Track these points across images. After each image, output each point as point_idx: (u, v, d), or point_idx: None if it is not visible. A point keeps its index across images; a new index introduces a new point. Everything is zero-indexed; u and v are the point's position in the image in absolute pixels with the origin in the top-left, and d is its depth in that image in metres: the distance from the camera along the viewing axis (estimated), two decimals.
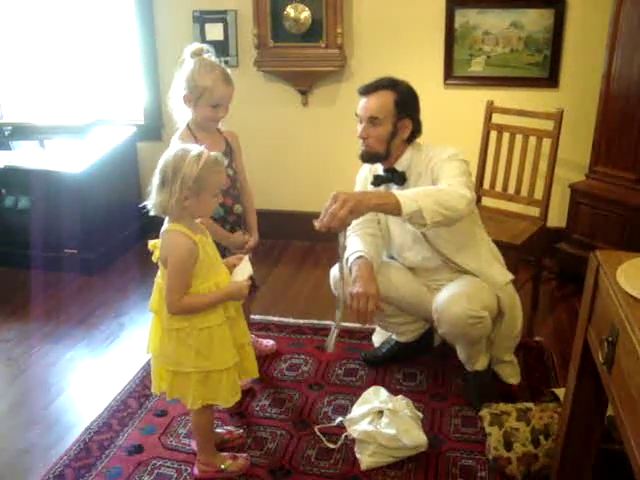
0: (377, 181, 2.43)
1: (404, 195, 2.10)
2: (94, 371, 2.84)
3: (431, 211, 2.09)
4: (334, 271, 2.57)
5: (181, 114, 2.37)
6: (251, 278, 2.07)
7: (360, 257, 2.37)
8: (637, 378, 1.33)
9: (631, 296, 1.49)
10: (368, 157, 2.39)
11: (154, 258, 1.99)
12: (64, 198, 3.62)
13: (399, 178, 2.39)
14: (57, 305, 3.39)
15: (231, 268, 2.07)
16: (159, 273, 2.02)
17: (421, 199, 2.09)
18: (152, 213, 1.93)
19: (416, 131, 2.39)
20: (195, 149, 1.89)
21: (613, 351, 1.49)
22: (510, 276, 2.48)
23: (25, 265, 3.74)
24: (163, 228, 1.95)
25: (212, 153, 1.91)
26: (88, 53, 4.23)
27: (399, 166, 2.40)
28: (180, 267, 1.90)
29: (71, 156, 3.78)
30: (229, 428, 2.36)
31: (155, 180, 1.89)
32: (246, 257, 2.12)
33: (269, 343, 2.86)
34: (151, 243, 2.00)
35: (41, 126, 4.14)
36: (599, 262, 1.68)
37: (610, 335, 1.50)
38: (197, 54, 2.29)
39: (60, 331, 3.15)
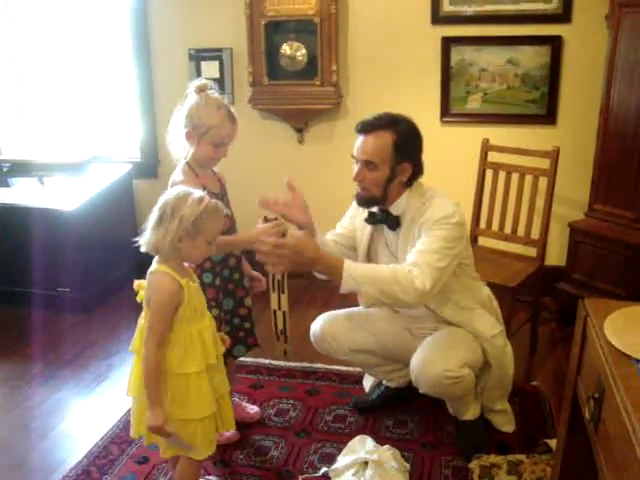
0: (371, 219, 2.35)
1: (351, 272, 2.07)
2: (79, 414, 2.77)
3: (371, 297, 2.08)
4: (314, 327, 2.51)
5: (178, 150, 2.30)
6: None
7: None
8: (622, 441, 1.25)
9: (618, 350, 1.41)
10: (363, 201, 2.29)
11: (138, 298, 1.95)
12: (58, 236, 3.59)
13: (393, 222, 2.29)
14: (46, 345, 3.34)
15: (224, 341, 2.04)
16: (142, 314, 1.97)
17: (366, 283, 2.07)
18: (143, 250, 1.88)
19: (416, 173, 2.25)
20: (198, 192, 1.87)
21: (600, 409, 1.41)
22: (498, 328, 2.37)
23: (18, 303, 3.71)
24: (150, 269, 1.91)
25: (213, 200, 1.88)
26: (85, 90, 4.25)
27: (394, 210, 2.27)
28: (162, 308, 1.85)
29: (67, 193, 3.76)
30: (211, 478, 2.27)
31: (152, 218, 1.85)
32: None
33: (252, 410, 2.66)
34: (137, 283, 1.96)
35: (39, 163, 4.14)
36: (587, 311, 1.61)
37: (596, 391, 1.43)
38: (202, 90, 2.22)
39: (48, 372, 3.09)
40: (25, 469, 2.42)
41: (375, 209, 2.33)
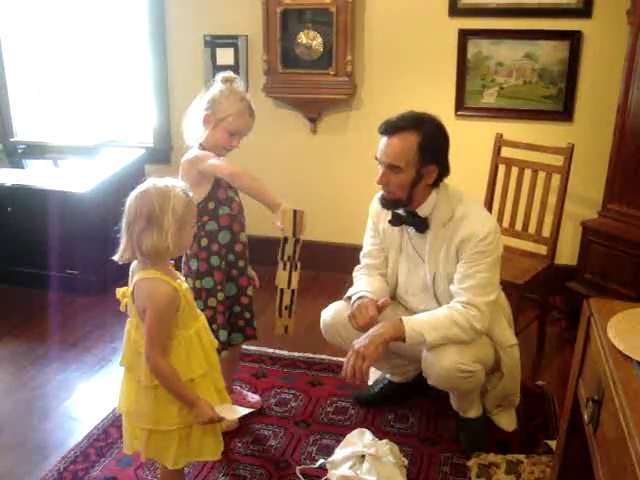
0: (396, 221, 2.28)
1: (412, 326, 2.13)
2: (81, 396, 2.78)
3: (435, 342, 2.13)
4: (325, 315, 2.48)
5: (192, 134, 2.31)
6: None
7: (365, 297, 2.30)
8: (618, 445, 1.22)
9: (620, 352, 1.38)
10: (388, 204, 2.24)
11: (122, 307, 1.84)
12: (67, 218, 3.60)
13: (420, 224, 2.23)
14: (53, 326, 3.36)
15: None
16: (128, 325, 1.85)
17: (428, 332, 2.12)
18: (132, 260, 1.78)
19: (442, 174, 2.19)
20: (168, 182, 1.76)
21: (599, 411, 1.38)
22: (514, 340, 2.35)
23: (27, 284, 3.73)
24: (138, 276, 1.76)
25: (179, 184, 1.80)
26: (100, 74, 4.25)
27: (422, 212, 2.22)
28: (161, 317, 1.73)
29: (78, 176, 3.77)
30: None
31: (137, 226, 1.70)
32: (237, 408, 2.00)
33: (253, 399, 2.65)
34: (120, 291, 1.83)
35: (53, 145, 4.15)
36: (591, 311, 1.58)
37: (596, 393, 1.40)
38: (229, 80, 2.29)
39: (53, 353, 3.10)
40: (24, 448, 2.43)
41: (400, 211, 2.27)
